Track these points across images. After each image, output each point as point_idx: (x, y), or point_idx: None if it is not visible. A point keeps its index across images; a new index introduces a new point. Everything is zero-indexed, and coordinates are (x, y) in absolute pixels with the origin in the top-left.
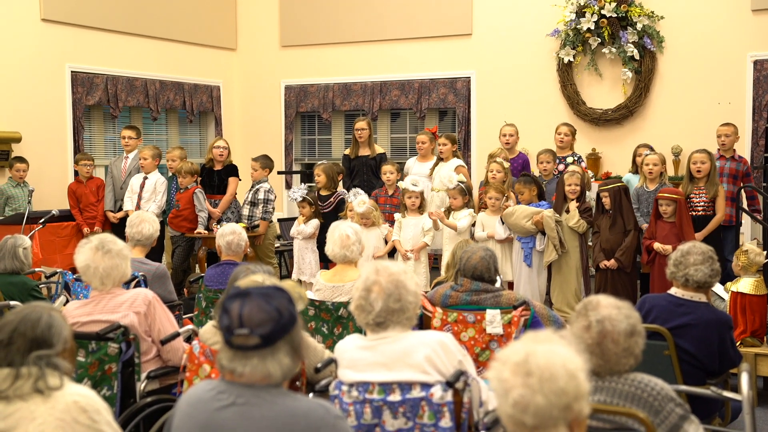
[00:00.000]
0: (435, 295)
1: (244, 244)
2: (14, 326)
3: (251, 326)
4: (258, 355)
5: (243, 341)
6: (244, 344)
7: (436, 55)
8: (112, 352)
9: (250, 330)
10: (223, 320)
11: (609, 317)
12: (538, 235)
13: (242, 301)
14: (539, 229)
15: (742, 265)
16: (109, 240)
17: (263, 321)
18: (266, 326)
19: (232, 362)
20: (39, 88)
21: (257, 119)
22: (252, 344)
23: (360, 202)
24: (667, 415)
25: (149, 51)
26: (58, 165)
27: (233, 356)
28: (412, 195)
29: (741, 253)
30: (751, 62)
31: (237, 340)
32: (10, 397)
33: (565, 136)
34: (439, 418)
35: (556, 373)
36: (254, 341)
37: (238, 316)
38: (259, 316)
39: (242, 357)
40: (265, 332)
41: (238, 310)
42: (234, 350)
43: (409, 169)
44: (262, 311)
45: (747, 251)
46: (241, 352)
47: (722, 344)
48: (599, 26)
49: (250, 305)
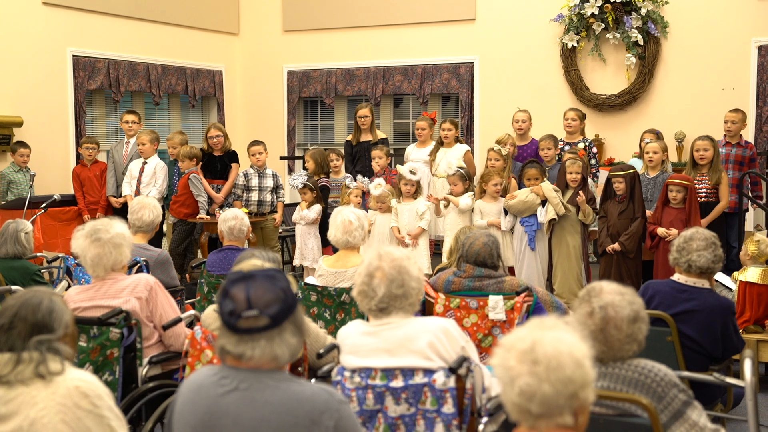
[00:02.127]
0: (438, 281)
1: (246, 229)
2: (15, 311)
3: (260, 307)
4: (265, 336)
5: (252, 323)
6: (253, 326)
7: (439, 40)
8: (114, 338)
9: (259, 311)
10: (227, 305)
11: (612, 303)
12: (539, 207)
13: (248, 284)
14: (541, 198)
15: (751, 255)
16: (102, 227)
17: (271, 301)
18: (274, 306)
19: (238, 346)
20: (41, 73)
21: (259, 104)
22: (261, 325)
23: (376, 184)
24: (671, 400)
25: (151, 35)
26: (59, 149)
27: (239, 340)
28: (408, 182)
29: (751, 242)
30: (756, 48)
31: (245, 322)
32: (12, 382)
33: (572, 121)
34: (441, 404)
35: (563, 362)
36: (264, 322)
37: (245, 298)
38: (266, 297)
39: (249, 340)
40: (274, 312)
41: (245, 293)
42: (240, 334)
43: (409, 155)
44: (269, 292)
45: (759, 241)
46: (247, 335)
47: (725, 330)
48: (603, 11)
49: (256, 287)
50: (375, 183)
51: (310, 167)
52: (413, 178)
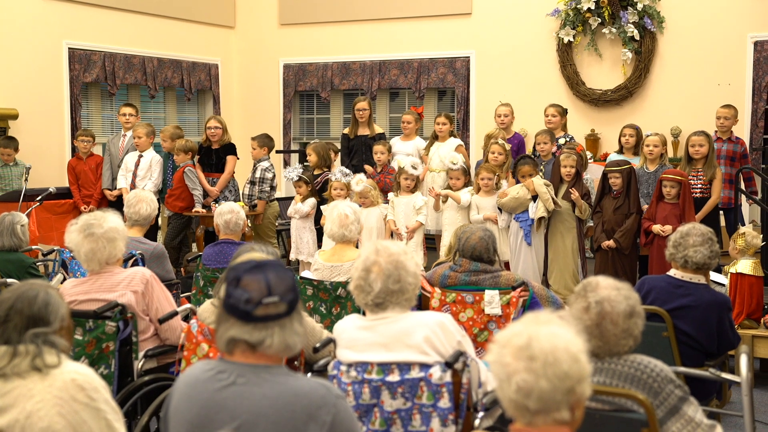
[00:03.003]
0: (434, 276)
1: (243, 223)
2: (11, 304)
3: (280, 293)
4: (279, 324)
5: (272, 310)
6: (272, 313)
7: (435, 34)
8: (110, 331)
9: (279, 297)
10: (240, 294)
11: (608, 298)
12: (530, 203)
13: (264, 272)
14: (532, 193)
15: (739, 249)
16: (95, 222)
17: (288, 288)
18: (291, 293)
19: (255, 334)
20: (36, 65)
21: (255, 98)
22: (280, 312)
23: (357, 180)
24: (667, 396)
25: (147, 28)
26: (55, 142)
27: (253, 328)
28: (409, 177)
29: (738, 236)
30: (752, 43)
31: (264, 309)
32: (8, 375)
33: (552, 117)
34: (437, 399)
35: (560, 357)
36: (282, 308)
37: (266, 285)
38: (284, 284)
39: (263, 328)
40: (292, 299)
41: (264, 280)
42: (254, 323)
43: (392, 147)
44: (284, 279)
45: (744, 234)
46: (262, 323)
47: (721, 325)
48: (599, 6)
49: (273, 274)
50: (356, 179)
51: (312, 160)
52: (414, 173)
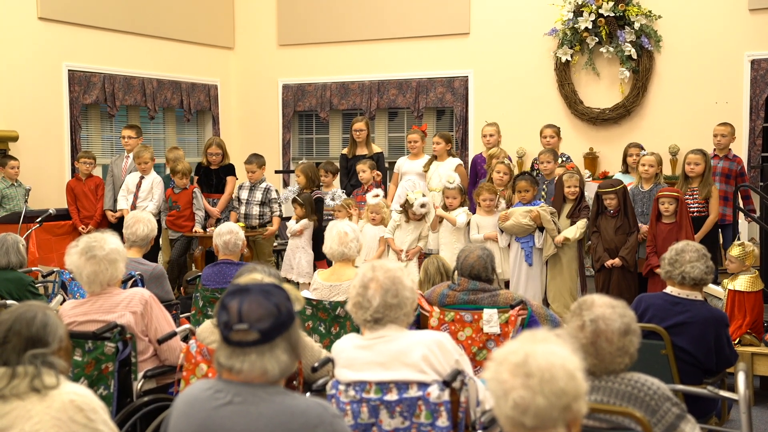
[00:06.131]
0: (432, 295)
1: (242, 243)
2: (9, 325)
3: (250, 321)
4: (256, 351)
5: (242, 336)
6: (243, 340)
7: (433, 54)
8: (109, 352)
9: (249, 325)
10: (222, 316)
11: (603, 316)
12: (536, 232)
13: (242, 297)
14: (537, 224)
15: (737, 258)
16: (96, 244)
17: (262, 316)
18: (265, 322)
19: (230, 359)
20: (36, 87)
21: (255, 118)
22: (251, 340)
23: (374, 194)
24: (664, 414)
25: (146, 49)
26: (55, 164)
27: (231, 353)
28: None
29: (734, 247)
30: (749, 61)
31: (236, 335)
32: (7, 396)
33: (551, 138)
34: (436, 418)
35: (556, 374)
36: (253, 336)
37: (237, 311)
38: (258, 312)
39: (240, 353)
40: (264, 327)
41: (238, 306)
42: (232, 347)
43: (401, 167)
44: (261, 307)
45: (742, 244)
46: (239, 348)
47: (718, 341)
48: (597, 25)
49: (249, 301)
50: (373, 192)
51: (301, 182)
52: (421, 212)
